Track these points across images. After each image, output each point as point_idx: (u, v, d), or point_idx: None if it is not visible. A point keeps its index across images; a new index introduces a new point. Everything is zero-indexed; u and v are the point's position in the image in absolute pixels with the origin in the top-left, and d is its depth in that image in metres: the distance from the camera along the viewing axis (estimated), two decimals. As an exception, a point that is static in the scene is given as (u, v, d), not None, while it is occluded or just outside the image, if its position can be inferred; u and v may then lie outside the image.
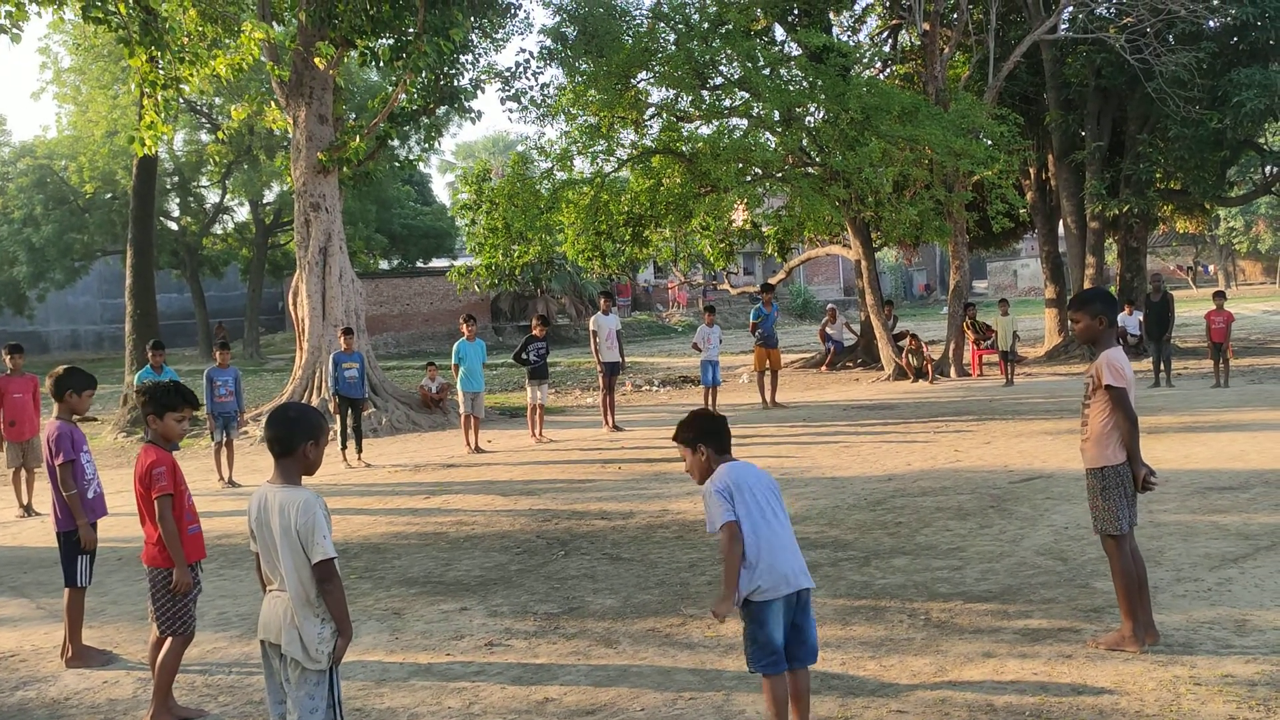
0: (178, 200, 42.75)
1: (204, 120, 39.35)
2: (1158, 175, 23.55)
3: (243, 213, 45.46)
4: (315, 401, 17.01)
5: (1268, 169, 23.58)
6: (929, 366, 20.30)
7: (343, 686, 5.34)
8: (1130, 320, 22.77)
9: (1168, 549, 7.13)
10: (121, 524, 9.20)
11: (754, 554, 4.16)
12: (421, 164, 44.76)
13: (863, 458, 11.75)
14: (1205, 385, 17.00)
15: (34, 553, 9.25)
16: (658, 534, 8.53)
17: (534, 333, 15.14)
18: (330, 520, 3.86)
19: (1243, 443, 11.19)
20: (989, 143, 20.47)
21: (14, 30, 11.19)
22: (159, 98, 13.40)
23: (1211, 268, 67.03)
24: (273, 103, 17.43)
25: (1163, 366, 17.37)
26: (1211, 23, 21.97)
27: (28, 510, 11.17)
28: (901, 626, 5.86)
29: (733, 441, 4.50)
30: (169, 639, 4.93)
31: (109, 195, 38.92)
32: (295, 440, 3.81)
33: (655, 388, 22.50)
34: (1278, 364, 19.73)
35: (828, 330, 25.64)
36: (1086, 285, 23.70)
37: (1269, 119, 21.40)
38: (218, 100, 36.52)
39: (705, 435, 4.35)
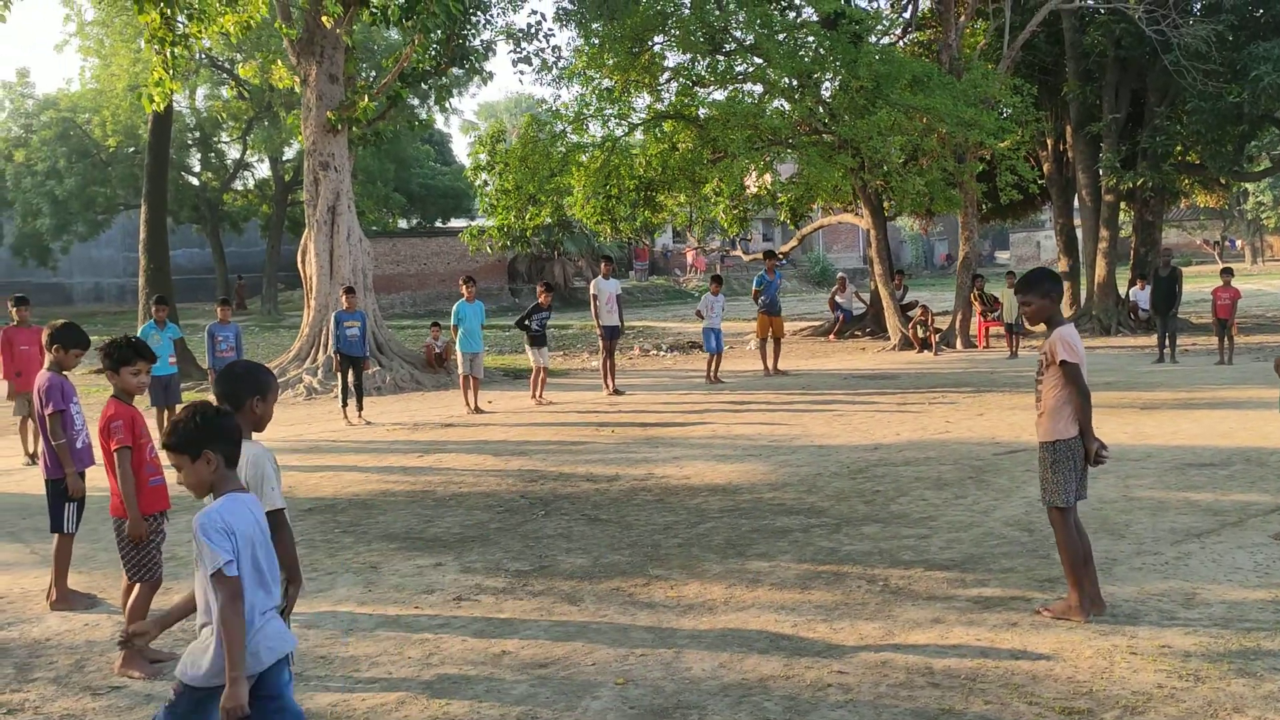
0: (199, 156, 42.96)
1: (225, 75, 39.45)
2: (1176, 149, 23.31)
3: (263, 169, 45.65)
4: (321, 359, 17.23)
5: (1288, 144, 23.32)
6: (933, 337, 20.30)
7: (311, 635, 5.57)
8: (1142, 295, 22.71)
9: (1135, 523, 7.22)
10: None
11: None
12: (441, 123, 44.67)
13: (853, 427, 11.84)
14: (1210, 362, 16.96)
15: (35, 500, 9.45)
16: (639, 497, 8.68)
17: (540, 301, 15.20)
18: (279, 473, 4.01)
19: (1233, 420, 11.21)
20: (1007, 112, 20.33)
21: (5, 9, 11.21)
22: (168, 54, 13.49)
23: (1239, 243, 66.21)
24: (279, 61, 17.50)
25: (1168, 342, 17.31)
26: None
27: (33, 458, 11.45)
28: (858, 592, 5.99)
29: (729, 408, 4.53)
30: (136, 585, 5.13)
31: (131, 149, 39.14)
32: (242, 396, 3.94)
33: (662, 352, 22.62)
34: (1287, 342, 19.61)
35: (837, 299, 25.65)
36: (1100, 259, 23.60)
37: (1289, 94, 21.10)
38: (239, 56, 36.60)
39: None
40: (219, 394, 4.04)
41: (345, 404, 13.77)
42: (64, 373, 6.36)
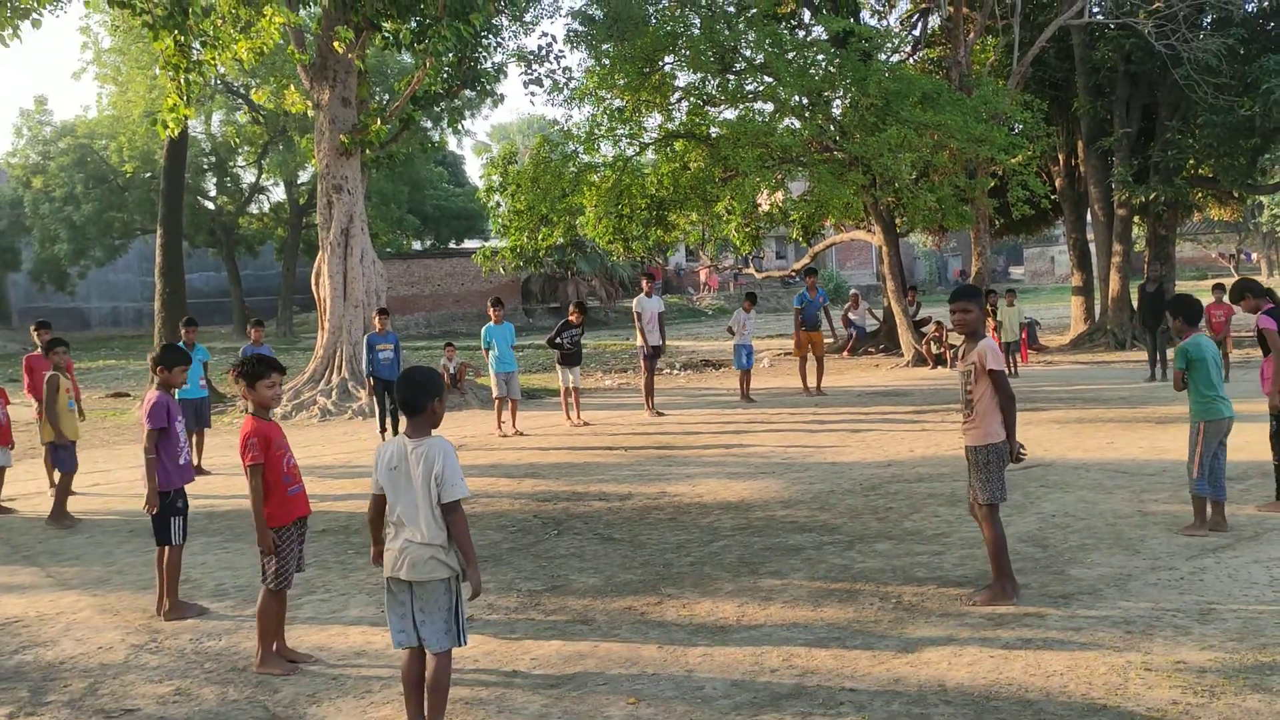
0: (215, 180, 43.36)
1: (240, 100, 39.83)
2: (1189, 163, 23.25)
3: (278, 193, 46.04)
4: (335, 380, 17.30)
5: (1302, 157, 23.24)
6: (947, 353, 20.26)
7: (324, 655, 5.60)
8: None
9: (1150, 538, 7.18)
10: (134, 499, 9.48)
11: None
12: (454, 145, 44.99)
13: (867, 444, 11.82)
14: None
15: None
16: (651, 515, 8.68)
17: (570, 319, 14.84)
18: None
19: (1247, 434, 11.03)
20: (1018, 127, 20.32)
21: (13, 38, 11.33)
22: (182, 80, 13.64)
23: (1255, 256, 65.87)
24: (292, 86, 17.67)
25: (1159, 358, 17.07)
26: (1249, 6, 21.66)
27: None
28: (871, 609, 5.97)
29: (742, 426, 4.59)
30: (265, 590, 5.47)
31: (148, 174, 39.54)
32: (424, 399, 4.42)
33: (676, 371, 22.62)
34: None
35: (850, 316, 25.64)
36: (1113, 274, 23.53)
37: (1301, 106, 21.04)
38: (253, 81, 36.96)
39: None
40: (402, 399, 4.43)
41: (384, 428, 13.58)
42: (171, 391, 6.67)
